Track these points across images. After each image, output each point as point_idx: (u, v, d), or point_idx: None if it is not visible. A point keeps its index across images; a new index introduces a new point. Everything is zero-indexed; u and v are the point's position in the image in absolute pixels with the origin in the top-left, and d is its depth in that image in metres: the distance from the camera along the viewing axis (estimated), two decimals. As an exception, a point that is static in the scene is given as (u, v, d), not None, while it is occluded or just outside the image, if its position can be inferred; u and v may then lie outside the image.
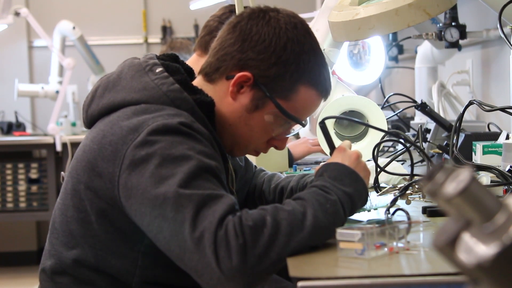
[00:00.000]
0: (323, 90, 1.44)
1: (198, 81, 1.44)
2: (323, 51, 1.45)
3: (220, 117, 1.41)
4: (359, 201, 1.31)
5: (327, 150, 1.98)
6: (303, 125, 1.48)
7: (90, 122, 1.42)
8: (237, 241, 1.15)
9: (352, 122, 2.16)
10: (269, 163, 2.11)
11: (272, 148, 1.98)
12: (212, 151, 1.30)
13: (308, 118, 1.54)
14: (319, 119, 2.06)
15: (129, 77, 1.37)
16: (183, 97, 1.34)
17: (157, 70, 1.37)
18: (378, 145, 1.71)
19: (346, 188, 1.28)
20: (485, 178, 1.70)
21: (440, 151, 2.21)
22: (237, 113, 1.40)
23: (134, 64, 1.40)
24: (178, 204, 1.18)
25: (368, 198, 1.35)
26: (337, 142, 2.09)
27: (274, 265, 1.18)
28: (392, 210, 1.43)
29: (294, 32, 1.37)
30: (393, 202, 1.49)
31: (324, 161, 1.55)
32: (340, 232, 1.18)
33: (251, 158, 1.85)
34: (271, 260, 1.17)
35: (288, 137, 1.50)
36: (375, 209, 1.61)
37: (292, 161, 2.46)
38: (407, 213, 1.33)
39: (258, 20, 1.38)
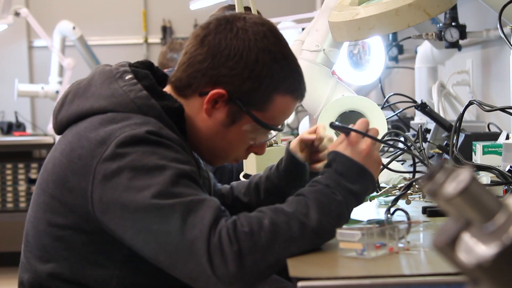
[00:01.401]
0: (299, 95, 1.41)
1: (168, 91, 1.41)
2: (323, 51, 1.45)
3: (196, 132, 1.39)
4: (365, 197, 1.29)
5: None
6: (280, 131, 1.45)
7: (59, 128, 1.40)
8: (232, 248, 1.14)
9: (352, 122, 2.16)
10: (269, 162, 2.11)
11: (271, 148, 1.99)
12: (185, 155, 1.28)
13: (308, 118, 1.54)
14: (319, 120, 2.06)
15: (99, 83, 1.36)
16: (150, 104, 1.32)
17: (126, 77, 1.35)
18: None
19: (352, 186, 1.26)
20: (485, 178, 1.70)
21: (440, 151, 2.21)
22: (213, 128, 1.37)
23: (105, 71, 1.38)
24: (161, 216, 1.17)
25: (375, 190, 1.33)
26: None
27: (272, 268, 1.18)
28: (392, 211, 1.43)
29: (264, 42, 1.34)
30: (394, 202, 1.49)
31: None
32: (340, 232, 1.18)
33: (250, 158, 1.84)
34: (269, 264, 1.16)
35: (266, 143, 1.46)
36: (370, 200, 1.61)
37: None
38: (406, 213, 1.32)
39: (226, 33, 1.33)
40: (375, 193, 1.64)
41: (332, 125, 1.34)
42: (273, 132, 1.47)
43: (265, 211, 1.20)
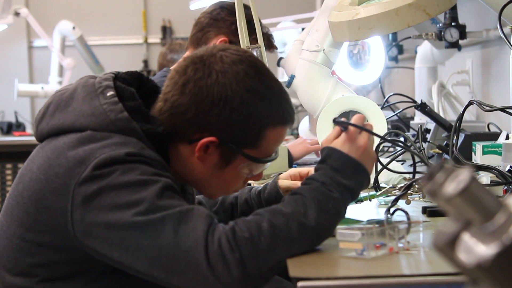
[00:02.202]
0: (289, 121, 1.38)
1: (157, 109, 1.36)
2: (323, 51, 1.45)
3: (190, 173, 1.37)
4: (359, 192, 1.29)
5: None
6: (274, 159, 1.41)
7: (39, 138, 1.39)
8: (234, 255, 1.14)
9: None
10: (269, 163, 2.11)
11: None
12: (166, 173, 1.26)
13: (308, 118, 1.54)
14: (319, 120, 2.06)
15: (81, 98, 1.32)
16: (132, 127, 1.29)
17: (108, 94, 1.31)
18: (378, 145, 1.71)
19: (347, 182, 1.26)
20: (485, 178, 1.70)
21: (440, 151, 2.21)
22: (207, 171, 1.35)
23: (88, 84, 1.34)
24: (152, 231, 1.16)
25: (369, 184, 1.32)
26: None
27: (275, 270, 1.18)
28: (392, 211, 1.43)
29: (246, 81, 1.30)
30: (394, 202, 1.49)
31: None
32: (340, 232, 1.18)
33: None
34: (271, 267, 1.16)
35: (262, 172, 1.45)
36: (370, 200, 1.61)
37: (291, 161, 2.46)
38: (406, 213, 1.32)
39: (206, 80, 1.29)
40: (375, 193, 1.64)
41: (335, 121, 1.34)
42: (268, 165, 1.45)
43: (263, 213, 1.20)
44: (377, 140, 1.60)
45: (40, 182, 1.26)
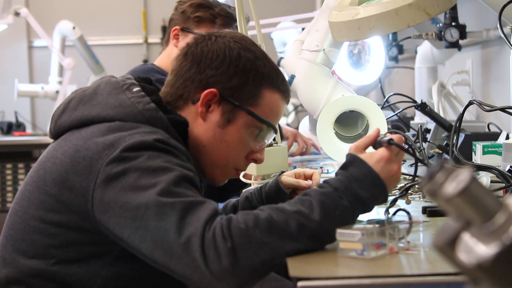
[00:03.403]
0: (285, 91, 1.46)
1: None
2: (323, 51, 1.46)
3: (194, 140, 1.41)
4: (372, 206, 1.27)
5: (334, 155, 1.99)
6: (276, 131, 1.47)
7: (57, 133, 1.40)
8: (225, 244, 1.14)
9: (352, 122, 2.16)
10: (269, 163, 2.11)
11: (271, 148, 1.99)
12: (190, 165, 1.31)
13: (308, 118, 1.55)
14: (319, 120, 2.06)
15: (106, 93, 1.37)
16: (158, 116, 1.35)
17: (134, 89, 1.38)
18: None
19: (362, 193, 1.23)
20: (485, 178, 1.70)
21: (440, 151, 2.21)
22: (210, 131, 1.41)
23: (111, 81, 1.40)
24: (161, 213, 1.18)
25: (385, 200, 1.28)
26: (336, 142, 2.10)
27: (267, 266, 1.17)
28: (393, 210, 1.43)
29: (242, 42, 1.42)
30: (393, 202, 1.49)
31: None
32: (340, 232, 1.17)
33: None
34: (263, 260, 1.16)
35: (264, 148, 1.48)
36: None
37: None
38: (408, 213, 1.32)
39: (206, 42, 1.42)
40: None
41: (390, 143, 1.28)
42: (269, 138, 1.46)
43: (265, 209, 1.20)
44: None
45: (65, 165, 1.30)
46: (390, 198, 1.61)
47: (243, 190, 1.66)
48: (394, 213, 1.40)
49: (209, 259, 1.14)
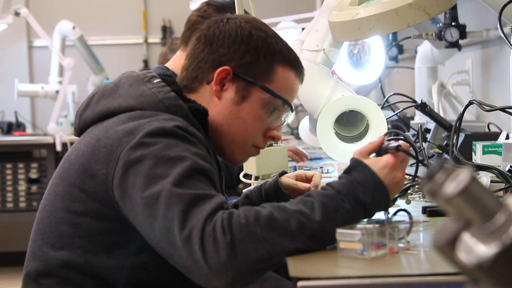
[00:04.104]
0: (299, 68, 1.48)
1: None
2: (323, 51, 1.47)
3: (211, 120, 1.43)
4: (374, 212, 1.27)
5: (334, 155, 1.98)
6: (292, 109, 1.49)
7: (82, 128, 1.43)
8: (224, 238, 1.15)
9: (352, 122, 2.16)
10: (269, 163, 2.11)
11: (271, 148, 1.99)
12: (207, 154, 1.32)
13: (308, 118, 1.55)
14: (319, 120, 2.06)
15: (127, 85, 1.40)
16: (178, 104, 1.37)
17: (155, 81, 1.41)
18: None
19: (364, 198, 1.23)
20: (485, 178, 1.70)
21: (440, 151, 2.21)
22: (226, 109, 1.43)
23: (132, 75, 1.43)
24: (169, 202, 1.20)
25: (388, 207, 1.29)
26: (336, 142, 2.10)
27: (265, 263, 1.18)
28: (394, 210, 1.43)
29: (253, 23, 1.46)
30: (393, 201, 1.49)
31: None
32: (340, 232, 1.18)
33: (250, 158, 1.84)
34: (261, 257, 1.16)
35: (281, 125, 1.50)
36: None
37: None
38: (409, 213, 1.32)
39: (218, 24, 1.45)
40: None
41: (398, 149, 1.29)
42: (285, 115, 1.48)
43: (267, 206, 1.21)
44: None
45: (87, 154, 1.33)
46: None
47: (244, 190, 1.67)
48: (395, 213, 1.40)
49: (208, 252, 1.15)
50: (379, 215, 1.50)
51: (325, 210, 1.20)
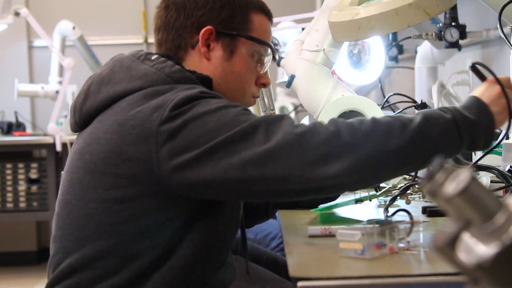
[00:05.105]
0: (268, 12, 1.52)
1: None
2: (323, 51, 1.48)
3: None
4: (480, 133, 1.28)
5: None
6: (273, 51, 1.52)
7: (84, 121, 1.40)
8: (329, 130, 1.20)
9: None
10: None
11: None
12: None
13: (308, 118, 1.57)
14: (320, 119, 2.06)
15: (125, 68, 1.38)
16: (186, 76, 1.37)
17: (152, 58, 1.39)
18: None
19: (468, 114, 1.27)
20: (485, 178, 1.70)
21: (440, 151, 2.20)
22: (218, 68, 1.44)
23: (125, 57, 1.42)
24: (241, 134, 1.22)
25: (492, 141, 1.32)
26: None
27: (371, 160, 1.19)
28: (394, 211, 1.43)
29: None
30: (392, 201, 1.49)
31: None
32: (340, 232, 1.18)
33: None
34: (367, 153, 1.19)
35: (268, 72, 1.53)
36: (370, 200, 1.61)
37: None
38: (409, 213, 1.32)
39: None
40: (375, 193, 1.64)
41: (471, 68, 1.37)
42: (269, 59, 1.52)
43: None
44: None
45: (114, 141, 1.30)
46: (390, 198, 1.61)
47: None
48: (394, 213, 1.40)
49: (311, 158, 1.18)
50: (379, 215, 1.50)
51: (426, 116, 1.23)
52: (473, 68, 1.33)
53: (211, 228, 1.33)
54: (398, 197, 1.59)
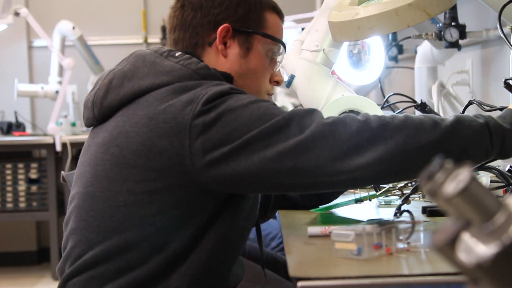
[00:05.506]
0: (280, 11, 1.55)
1: None
2: (323, 51, 1.49)
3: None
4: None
5: None
6: (285, 49, 1.56)
7: (105, 115, 1.40)
8: (361, 122, 1.22)
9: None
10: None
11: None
12: None
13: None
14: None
15: (149, 64, 1.38)
16: (212, 73, 1.38)
17: (176, 54, 1.40)
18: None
19: (502, 123, 1.28)
20: (485, 178, 1.70)
21: (440, 151, 2.20)
22: (235, 65, 1.46)
23: (147, 53, 1.42)
24: (274, 128, 1.24)
25: None
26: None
27: (401, 151, 1.21)
28: (395, 211, 1.42)
29: None
30: (404, 201, 1.48)
31: None
32: (335, 232, 1.17)
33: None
34: (396, 145, 1.21)
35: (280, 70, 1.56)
36: (370, 200, 1.61)
37: None
38: (411, 213, 1.32)
39: None
40: (375, 193, 1.64)
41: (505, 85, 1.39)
42: (280, 57, 1.54)
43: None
44: None
45: (144, 134, 1.30)
46: (390, 198, 1.61)
47: None
48: (400, 214, 1.40)
49: (341, 150, 1.21)
50: (379, 215, 1.50)
51: (458, 118, 1.25)
52: (507, 84, 1.36)
53: (232, 222, 1.35)
54: (398, 197, 1.59)
